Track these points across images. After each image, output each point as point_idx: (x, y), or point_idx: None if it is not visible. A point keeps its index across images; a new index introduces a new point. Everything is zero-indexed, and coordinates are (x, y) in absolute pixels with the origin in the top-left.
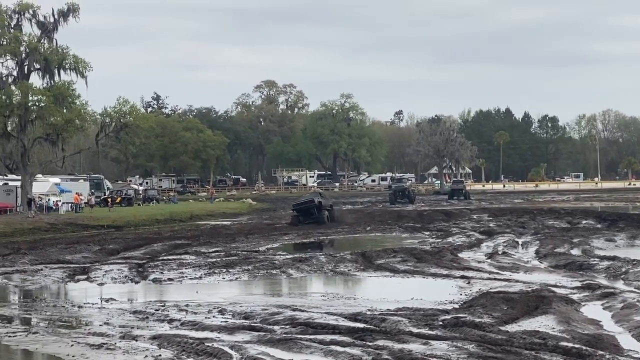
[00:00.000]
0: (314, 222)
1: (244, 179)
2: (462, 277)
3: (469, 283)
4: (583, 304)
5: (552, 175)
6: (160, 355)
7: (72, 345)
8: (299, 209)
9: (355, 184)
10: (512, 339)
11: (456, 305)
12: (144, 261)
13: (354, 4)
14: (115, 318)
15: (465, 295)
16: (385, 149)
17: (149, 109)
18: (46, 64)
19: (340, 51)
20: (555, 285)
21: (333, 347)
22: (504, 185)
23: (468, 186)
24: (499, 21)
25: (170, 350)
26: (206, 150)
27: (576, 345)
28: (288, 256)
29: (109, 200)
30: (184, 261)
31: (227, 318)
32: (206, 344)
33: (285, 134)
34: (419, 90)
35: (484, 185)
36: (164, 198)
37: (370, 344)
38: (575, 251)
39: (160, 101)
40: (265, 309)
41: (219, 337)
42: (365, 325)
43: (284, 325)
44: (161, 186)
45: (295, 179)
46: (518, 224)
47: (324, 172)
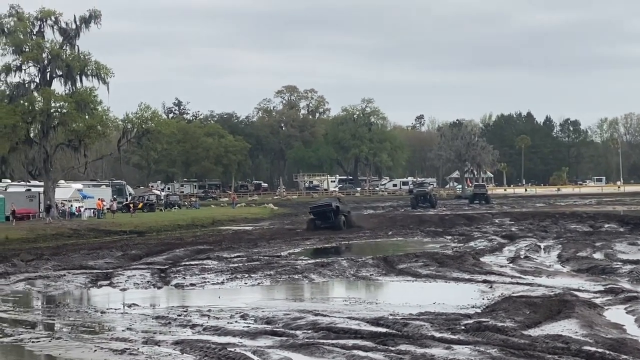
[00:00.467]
0: (330, 227)
1: (266, 184)
2: (484, 282)
3: (491, 287)
4: (606, 308)
5: (574, 179)
6: None
7: (95, 350)
8: (316, 212)
9: (377, 189)
10: (535, 344)
11: (478, 310)
12: (166, 266)
13: (375, 9)
14: (137, 323)
15: (488, 299)
16: (407, 153)
17: (171, 115)
18: (68, 70)
19: (362, 56)
20: (577, 290)
21: (355, 352)
22: (526, 190)
23: (489, 190)
24: (520, 25)
25: (193, 356)
26: (228, 155)
27: (599, 350)
28: (310, 261)
29: (131, 205)
30: (206, 266)
31: (250, 323)
32: (228, 349)
33: (306, 139)
34: (440, 94)
35: (505, 190)
36: (186, 203)
37: (393, 348)
38: (598, 255)
39: (181, 107)
40: (288, 314)
41: (241, 342)
42: (388, 329)
43: (306, 330)
44: (183, 192)
45: (316, 184)
46: (540, 228)
47: (346, 177)
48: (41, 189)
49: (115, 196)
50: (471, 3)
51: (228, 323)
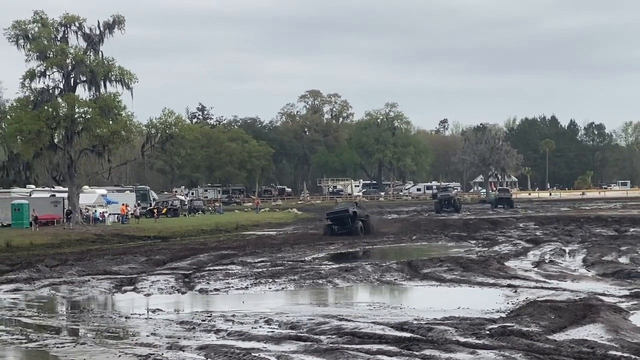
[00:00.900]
0: (347, 233)
1: (289, 189)
2: (509, 286)
3: (515, 292)
4: (632, 312)
5: (599, 183)
6: None
7: (120, 356)
8: (332, 217)
9: (401, 193)
10: (560, 348)
11: (503, 314)
12: (190, 272)
13: (398, 13)
14: (162, 328)
15: (512, 304)
16: (431, 157)
17: (194, 120)
18: (92, 75)
19: (385, 60)
20: (603, 294)
21: (380, 357)
22: (550, 194)
23: (514, 194)
24: (545, 29)
25: None
26: (251, 160)
27: (625, 354)
28: (334, 266)
29: (155, 211)
30: (230, 271)
31: (274, 328)
32: (253, 354)
33: (330, 143)
34: (464, 98)
35: (530, 194)
36: (210, 208)
37: (417, 353)
38: (623, 259)
39: (205, 112)
40: (312, 319)
41: (265, 348)
42: (412, 334)
43: (330, 335)
44: (207, 197)
45: (340, 189)
46: (565, 232)
47: (369, 182)
48: (65, 195)
49: (139, 201)
50: (498, 7)
51: (252, 328)
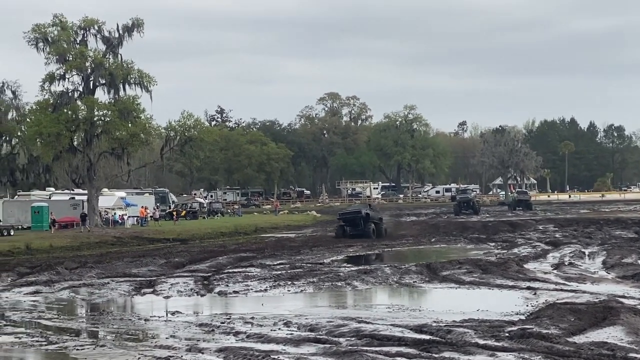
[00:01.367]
0: (359, 235)
1: (308, 191)
2: (528, 288)
3: (535, 294)
4: None
5: (619, 184)
6: None
7: (139, 358)
8: (345, 218)
9: (420, 196)
10: (580, 351)
11: (522, 317)
12: (209, 274)
13: (419, 15)
14: (181, 331)
15: (532, 306)
16: (449, 160)
17: (213, 123)
18: (111, 78)
19: (404, 62)
20: (623, 296)
21: (399, 359)
22: (570, 196)
23: (533, 197)
24: (563, 31)
25: None
26: (270, 163)
27: None
28: (353, 268)
29: (174, 213)
30: (249, 274)
31: (293, 330)
32: (272, 356)
33: (348, 146)
34: (483, 100)
35: (549, 196)
36: (229, 211)
37: (436, 355)
38: None
39: (224, 114)
40: (331, 321)
41: (284, 350)
42: (431, 337)
43: (349, 338)
44: (226, 199)
45: (359, 191)
46: (584, 234)
47: (388, 184)
48: (85, 197)
49: (158, 204)
50: (516, 9)
51: (271, 330)
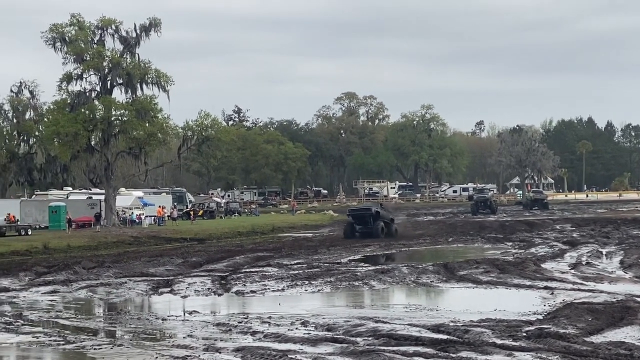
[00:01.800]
0: (368, 234)
1: (325, 191)
2: (546, 288)
3: (552, 294)
4: None
5: (636, 184)
6: None
7: (157, 357)
8: (354, 214)
9: (437, 195)
10: (597, 350)
11: (540, 316)
12: (226, 274)
13: (434, 15)
14: (198, 330)
15: (549, 306)
16: (467, 159)
17: (230, 122)
18: (129, 78)
19: (421, 62)
20: None
21: (416, 359)
22: (587, 195)
23: (550, 196)
24: (581, 30)
25: None
26: (287, 162)
27: None
28: (370, 268)
29: (192, 213)
30: (266, 273)
31: (310, 330)
32: (289, 356)
33: (366, 145)
34: (500, 100)
35: (566, 195)
36: (246, 210)
37: (454, 355)
38: None
39: (241, 114)
40: (348, 321)
41: (301, 349)
42: (448, 336)
43: (366, 337)
44: (243, 199)
45: (376, 190)
46: (602, 234)
47: (405, 183)
48: (102, 197)
49: (175, 203)
50: (532, 9)
51: (289, 330)
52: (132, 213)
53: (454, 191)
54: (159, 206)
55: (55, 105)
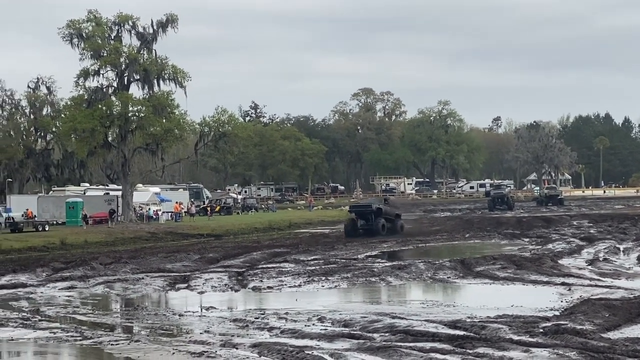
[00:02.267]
0: (369, 231)
1: (342, 187)
2: (563, 284)
3: (569, 290)
4: None
5: None
6: None
7: (174, 353)
8: (355, 210)
9: (454, 191)
10: (615, 346)
11: (557, 312)
12: (243, 269)
13: (451, 11)
14: (215, 326)
15: (566, 302)
16: (484, 155)
17: (247, 118)
18: (145, 74)
19: (438, 58)
20: None
21: (433, 355)
22: (604, 191)
23: (567, 192)
24: (598, 26)
25: (271, 358)
26: (304, 158)
27: None
28: (387, 263)
29: (209, 209)
30: (283, 269)
31: (327, 326)
32: (306, 352)
33: (382, 141)
34: (517, 96)
35: (583, 191)
36: (263, 206)
37: (471, 351)
38: None
39: (258, 110)
40: (365, 317)
41: (318, 345)
42: (465, 332)
43: (383, 333)
44: (260, 195)
45: (393, 187)
46: (619, 230)
47: (422, 179)
48: (119, 193)
49: (192, 199)
50: (549, 5)
51: (305, 326)
52: (149, 209)
53: (471, 187)
54: (176, 202)
55: (72, 101)
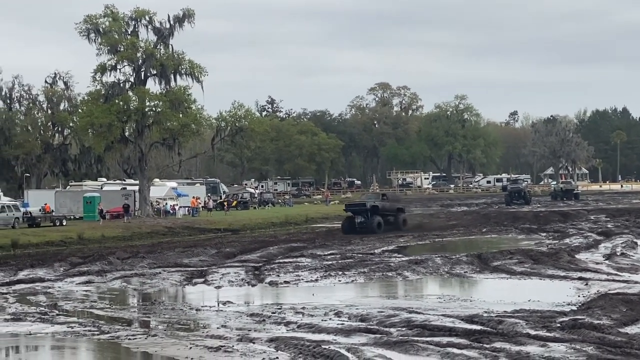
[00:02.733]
0: (365, 229)
1: (359, 182)
2: (580, 279)
3: (586, 284)
4: None
5: None
6: (277, 357)
7: (191, 347)
8: (350, 209)
9: (470, 186)
10: (632, 341)
11: (574, 307)
12: (260, 264)
13: (468, 5)
14: (232, 321)
15: (583, 296)
16: (501, 150)
17: (264, 113)
18: (162, 69)
19: (454, 52)
20: None
21: (450, 350)
22: (622, 186)
23: (584, 187)
24: (615, 21)
25: (287, 353)
26: (321, 153)
27: None
28: (403, 258)
29: (225, 203)
30: (300, 264)
31: (344, 320)
32: (323, 346)
33: (399, 136)
34: (534, 90)
35: (601, 186)
36: (280, 201)
37: (487, 346)
38: None
39: (274, 105)
40: (382, 312)
41: (335, 340)
42: (482, 327)
43: (400, 328)
44: (276, 189)
45: (410, 181)
46: (636, 224)
47: (439, 174)
48: (136, 188)
49: (209, 194)
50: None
51: (322, 320)
52: (166, 204)
53: (488, 182)
54: (193, 197)
55: (89, 96)
